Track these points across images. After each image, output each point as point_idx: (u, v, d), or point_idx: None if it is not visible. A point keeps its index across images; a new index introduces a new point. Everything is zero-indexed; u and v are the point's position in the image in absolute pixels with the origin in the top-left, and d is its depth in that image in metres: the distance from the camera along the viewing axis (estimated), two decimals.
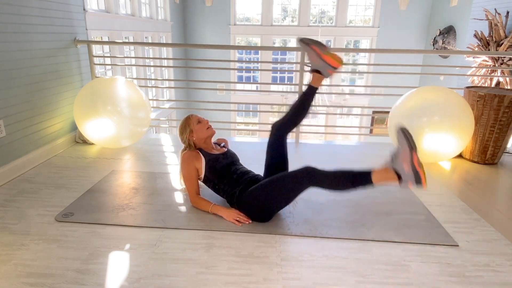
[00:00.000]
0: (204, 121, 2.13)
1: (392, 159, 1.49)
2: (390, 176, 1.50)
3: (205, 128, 2.11)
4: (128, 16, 7.22)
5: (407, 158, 1.41)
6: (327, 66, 1.95)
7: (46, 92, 2.84)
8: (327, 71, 1.97)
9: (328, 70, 1.96)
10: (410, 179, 1.44)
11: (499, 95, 2.75)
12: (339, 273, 1.54)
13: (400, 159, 1.42)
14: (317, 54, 1.95)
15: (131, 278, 1.48)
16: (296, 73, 9.60)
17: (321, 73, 1.99)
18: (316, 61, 1.96)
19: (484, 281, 1.52)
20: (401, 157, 1.41)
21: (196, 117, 2.14)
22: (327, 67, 1.95)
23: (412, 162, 1.40)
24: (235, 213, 1.91)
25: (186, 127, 2.10)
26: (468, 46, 5.91)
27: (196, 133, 2.09)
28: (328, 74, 1.98)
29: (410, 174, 1.42)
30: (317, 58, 1.96)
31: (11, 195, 2.20)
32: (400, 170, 1.43)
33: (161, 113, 8.08)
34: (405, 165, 1.41)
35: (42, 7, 2.73)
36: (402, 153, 1.42)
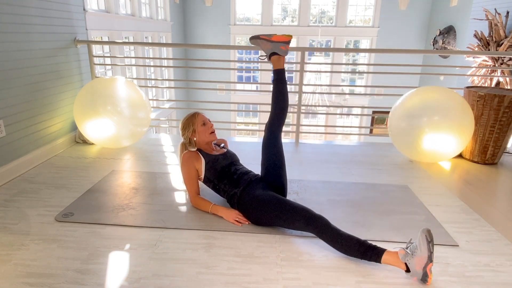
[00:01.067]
0: (208, 125, 2.11)
1: (407, 253, 1.49)
2: (400, 264, 1.51)
3: (208, 133, 2.09)
4: (128, 16, 7.22)
5: (422, 263, 1.45)
6: (279, 44, 2.04)
7: (46, 92, 2.84)
8: (280, 48, 2.04)
9: (281, 47, 2.04)
10: (416, 276, 1.48)
11: (499, 95, 2.75)
12: (339, 273, 1.54)
13: (415, 259, 1.46)
14: (266, 40, 2.05)
15: (131, 278, 1.48)
16: (296, 73, 9.59)
17: (277, 53, 2.05)
18: (268, 45, 2.06)
19: (484, 281, 1.52)
20: (417, 258, 1.45)
21: (202, 118, 2.11)
22: (279, 44, 2.04)
23: (425, 267, 1.45)
24: (235, 213, 1.91)
25: (190, 126, 2.08)
26: (468, 46, 5.90)
27: (198, 134, 2.08)
28: (283, 51, 2.05)
29: (419, 274, 1.46)
30: (267, 43, 2.06)
31: (11, 195, 2.20)
32: (411, 266, 1.47)
33: (161, 113, 8.07)
34: (418, 266, 1.46)
35: (42, 7, 2.73)
36: (419, 256, 1.46)
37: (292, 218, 1.71)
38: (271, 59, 2.08)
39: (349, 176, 2.65)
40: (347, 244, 1.58)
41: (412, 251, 1.48)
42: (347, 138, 9.16)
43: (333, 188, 2.41)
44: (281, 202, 1.78)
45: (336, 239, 1.61)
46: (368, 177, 2.65)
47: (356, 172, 2.75)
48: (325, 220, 1.66)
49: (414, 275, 1.48)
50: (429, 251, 1.44)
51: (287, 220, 1.74)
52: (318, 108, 9.15)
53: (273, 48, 2.05)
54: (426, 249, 1.44)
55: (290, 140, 3.63)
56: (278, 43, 2.04)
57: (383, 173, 2.73)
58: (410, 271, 1.49)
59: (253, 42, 2.13)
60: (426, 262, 1.44)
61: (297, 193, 2.31)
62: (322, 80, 8.75)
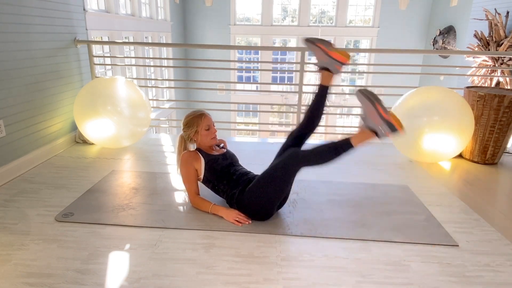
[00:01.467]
0: (212, 130, 2.08)
1: (363, 120, 1.62)
2: (367, 135, 1.62)
3: (210, 138, 2.08)
4: (128, 16, 7.22)
5: (373, 112, 1.46)
6: (335, 62, 1.92)
7: (46, 92, 2.84)
8: (335, 67, 1.93)
9: (336, 66, 1.93)
10: (385, 130, 1.49)
11: (499, 95, 2.75)
12: (339, 273, 1.54)
13: (368, 116, 1.47)
14: (323, 51, 1.93)
15: (131, 278, 1.48)
16: (296, 73, 9.59)
17: (329, 70, 1.96)
18: (323, 58, 1.94)
19: (484, 281, 1.52)
20: (368, 114, 1.47)
21: (208, 122, 2.07)
22: (334, 63, 1.92)
23: (380, 113, 1.45)
24: (235, 213, 1.91)
25: (194, 126, 2.05)
26: (468, 46, 5.91)
27: (200, 136, 2.07)
28: (336, 70, 1.94)
29: (383, 125, 1.47)
30: (324, 55, 1.93)
31: (11, 195, 2.20)
32: (373, 126, 1.53)
33: (161, 113, 8.08)
34: (375, 119, 1.46)
35: (42, 7, 2.73)
36: (367, 110, 1.48)
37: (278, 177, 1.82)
38: (322, 72, 1.98)
39: (349, 176, 2.65)
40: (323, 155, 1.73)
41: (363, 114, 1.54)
42: None
43: (333, 188, 2.41)
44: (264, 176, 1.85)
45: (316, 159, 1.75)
46: (368, 177, 2.65)
47: (356, 172, 2.75)
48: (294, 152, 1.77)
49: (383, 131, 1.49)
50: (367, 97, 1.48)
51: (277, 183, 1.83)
52: None
53: (328, 64, 1.94)
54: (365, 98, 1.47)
55: None
56: (336, 61, 1.91)
57: (383, 173, 2.73)
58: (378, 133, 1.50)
59: (308, 45, 2.00)
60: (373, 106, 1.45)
61: (297, 193, 2.30)
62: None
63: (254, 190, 1.87)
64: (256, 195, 1.87)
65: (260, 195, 1.86)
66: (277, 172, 1.82)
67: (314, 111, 2.02)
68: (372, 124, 1.65)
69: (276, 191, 1.85)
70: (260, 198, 1.86)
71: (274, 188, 1.84)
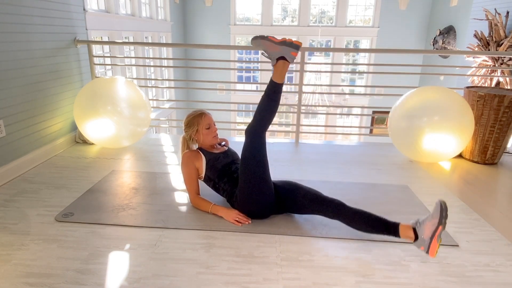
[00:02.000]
0: (213, 129, 2.09)
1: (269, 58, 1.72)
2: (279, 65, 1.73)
3: (211, 137, 2.09)
4: (128, 16, 7.22)
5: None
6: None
7: (46, 92, 2.84)
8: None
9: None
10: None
11: (499, 95, 2.75)
12: (339, 273, 1.54)
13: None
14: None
15: (131, 278, 1.48)
16: (296, 73, 9.59)
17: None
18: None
19: (484, 281, 1.52)
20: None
21: (208, 120, 2.08)
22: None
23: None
24: (235, 213, 1.91)
25: (194, 125, 2.07)
26: (468, 46, 5.90)
27: (201, 136, 2.08)
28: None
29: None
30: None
31: (11, 195, 2.20)
32: (278, 54, 1.64)
33: (161, 113, 8.07)
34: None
35: (42, 7, 2.73)
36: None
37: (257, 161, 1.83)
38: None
39: (349, 176, 2.65)
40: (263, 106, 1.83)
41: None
42: (347, 138, 9.16)
43: (333, 188, 2.41)
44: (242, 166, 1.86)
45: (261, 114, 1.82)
46: (368, 177, 2.65)
47: (356, 172, 2.75)
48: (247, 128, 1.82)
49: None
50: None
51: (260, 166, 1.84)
52: (318, 108, 9.15)
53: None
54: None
55: (290, 140, 3.63)
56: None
57: (383, 173, 2.73)
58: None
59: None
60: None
61: None
62: (322, 80, 8.75)
63: (240, 184, 1.88)
64: (243, 186, 1.87)
65: (246, 185, 1.86)
66: (246, 154, 1.83)
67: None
68: (276, 54, 1.80)
69: (256, 172, 1.83)
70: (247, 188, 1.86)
71: (253, 170, 1.83)
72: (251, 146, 1.83)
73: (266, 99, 1.83)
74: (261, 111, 1.84)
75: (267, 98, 1.83)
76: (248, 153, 1.83)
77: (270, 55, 1.85)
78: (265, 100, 1.83)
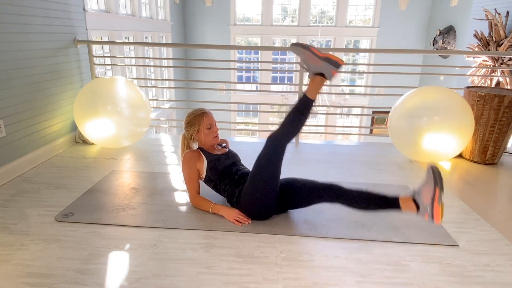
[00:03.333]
0: (214, 129, 2.09)
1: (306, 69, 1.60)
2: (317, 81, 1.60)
3: (212, 137, 2.08)
4: (128, 16, 7.22)
5: (312, 56, 1.46)
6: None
7: (46, 92, 2.84)
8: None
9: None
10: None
11: (499, 95, 2.75)
12: (339, 273, 1.54)
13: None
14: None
15: (131, 278, 1.48)
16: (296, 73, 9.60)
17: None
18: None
19: (484, 281, 1.52)
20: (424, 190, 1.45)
21: (209, 120, 2.07)
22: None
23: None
24: (236, 213, 1.91)
25: (196, 124, 2.06)
26: (468, 46, 5.90)
27: (202, 135, 2.07)
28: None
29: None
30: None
31: (11, 195, 2.20)
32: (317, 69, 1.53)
33: (161, 113, 8.08)
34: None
35: (42, 7, 2.73)
36: (307, 57, 1.50)
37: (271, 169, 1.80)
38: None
39: (349, 176, 2.65)
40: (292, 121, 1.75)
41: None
42: (347, 138, 9.16)
43: None
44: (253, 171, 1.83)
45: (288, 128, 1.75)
46: (368, 177, 2.65)
47: (356, 172, 2.75)
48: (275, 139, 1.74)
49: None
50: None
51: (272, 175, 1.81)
52: (318, 108, 9.15)
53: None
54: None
55: None
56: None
57: (383, 173, 2.73)
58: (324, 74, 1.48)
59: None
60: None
61: None
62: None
63: (248, 187, 1.86)
64: (250, 191, 1.86)
65: (254, 191, 1.85)
66: (262, 162, 1.80)
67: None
68: (316, 68, 1.70)
69: (268, 182, 1.82)
70: (254, 193, 1.85)
71: (265, 179, 1.81)
72: (270, 155, 1.79)
73: (296, 113, 1.77)
74: (289, 124, 1.79)
75: (297, 112, 1.77)
76: (264, 161, 1.80)
77: (308, 68, 1.76)
78: (295, 114, 1.78)
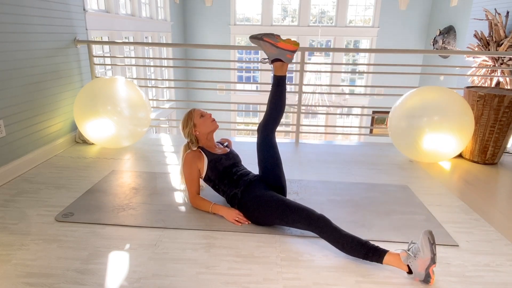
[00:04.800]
0: (207, 115, 2.11)
1: (409, 255, 1.50)
2: (402, 266, 1.52)
3: (209, 122, 2.09)
4: (128, 16, 7.22)
5: (425, 265, 1.45)
6: (285, 52, 1.96)
7: (46, 92, 2.83)
8: (286, 56, 1.98)
9: (287, 55, 1.97)
10: (418, 277, 1.48)
11: (499, 95, 2.75)
12: (339, 273, 1.54)
13: (418, 261, 1.46)
14: (271, 44, 1.97)
15: (131, 278, 1.48)
16: (296, 73, 9.59)
17: (281, 60, 1.99)
18: (272, 50, 1.98)
19: (484, 281, 1.52)
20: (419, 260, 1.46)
21: (199, 111, 2.12)
22: (285, 52, 1.96)
23: (428, 269, 1.45)
24: (235, 213, 1.91)
25: (189, 121, 2.08)
26: (468, 46, 5.90)
27: (199, 127, 2.07)
28: (288, 59, 1.98)
29: (422, 275, 1.46)
30: (273, 48, 1.97)
31: (11, 195, 2.20)
32: (414, 268, 1.47)
33: (161, 113, 8.07)
34: (420, 268, 1.46)
35: (42, 7, 2.73)
36: (422, 258, 1.46)
37: (293, 219, 1.71)
38: (274, 64, 2.01)
39: (349, 176, 2.65)
40: (349, 245, 1.58)
41: (414, 253, 1.48)
42: (347, 138, 9.16)
43: (333, 188, 2.41)
44: (282, 202, 1.78)
45: (338, 240, 1.61)
46: (368, 177, 2.65)
47: (356, 172, 2.75)
48: (327, 220, 1.66)
49: (416, 276, 1.48)
50: (432, 253, 1.44)
51: (288, 221, 1.74)
52: (318, 108, 9.15)
53: (278, 54, 1.97)
54: (429, 251, 1.44)
55: (290, 140, 3.63)
56: (285, 50, 1.96)
57: (383, 173, 2.73)
58: (412, 272, 1.49)
59: (255, 42, 2.03)
60: (429, 263, 1.44)
61: (297, 193, 2.30)
62: (322, 80, 8.75)
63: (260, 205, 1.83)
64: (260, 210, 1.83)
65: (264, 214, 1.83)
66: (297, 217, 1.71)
67: (277, 102, 2.02)
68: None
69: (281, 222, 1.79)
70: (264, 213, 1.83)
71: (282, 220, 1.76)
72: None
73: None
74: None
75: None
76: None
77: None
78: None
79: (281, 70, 2.01)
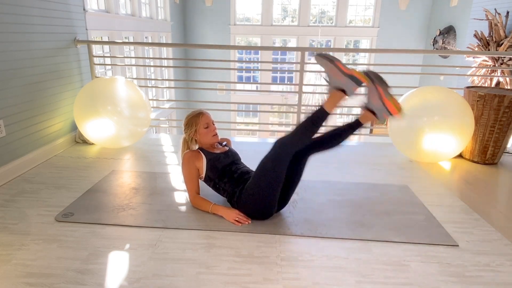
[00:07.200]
0: (211, 128, 2.09)
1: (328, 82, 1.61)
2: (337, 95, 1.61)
3: (211, 136, 2.08)
4: (128, 16, 7.22)
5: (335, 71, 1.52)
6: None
7: (46, 92, 2.84)
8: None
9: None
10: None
11: (499, 95, 2.75)
12: (339, 273, 1.54)
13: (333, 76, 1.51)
14: (380, 95, 1.73)
15: (131, 278, 1.48)
16: (296, 73, 9.59)
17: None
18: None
19: (484, 281, 1.52)
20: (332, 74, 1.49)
21: (206, 120, 2.07)
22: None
23: (342, 70, 1.46)
24: (235, 213, 1.91)
25: (193, 125, 2.07)
26: (468, 46, 5.91)
27: (200, 136, 2.08)
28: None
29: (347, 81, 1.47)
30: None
31: (11, 195, 2.20)
32: (339, 84, 1.51)
33: (161, 113, 8.07)
34: (339, 77, 1.47)
35: (42, 7, 2.73)
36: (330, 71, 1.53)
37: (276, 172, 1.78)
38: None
39: (349, 176, 2.65)
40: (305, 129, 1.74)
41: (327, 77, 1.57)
42: None
43: (333, 188, 2.41)
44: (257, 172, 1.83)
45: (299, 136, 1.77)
46: (368, 177, 2.65)
47: (356, 172, 2.75)
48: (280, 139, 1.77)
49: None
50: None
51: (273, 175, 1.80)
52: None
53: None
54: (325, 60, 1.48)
55: None
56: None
57: (383, 173, 2.73)
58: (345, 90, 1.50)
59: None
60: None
61: (297, 193, 2.30)
62: (322, 80, 8.74)
63: (250, 187, 1.86)
64: (252, 192, 1.86)
65: (256, 192, 1.85)
66: (268, 164, 1.79)
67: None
68: (338, 83, 1.68)
69: (271, 184, 1.82)
70: (256, 194, 1.85)
71: (269, 181, 1.81)
72: (276, 158, 1.77)
73: (309, 123, 1.78)
74: (301, 132, 1.80)
75: (310, 123, 1.78)
76: (270, 164, 1.79)
77: (330, 81, 1.76)
78: (308, 123, 1.78)
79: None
